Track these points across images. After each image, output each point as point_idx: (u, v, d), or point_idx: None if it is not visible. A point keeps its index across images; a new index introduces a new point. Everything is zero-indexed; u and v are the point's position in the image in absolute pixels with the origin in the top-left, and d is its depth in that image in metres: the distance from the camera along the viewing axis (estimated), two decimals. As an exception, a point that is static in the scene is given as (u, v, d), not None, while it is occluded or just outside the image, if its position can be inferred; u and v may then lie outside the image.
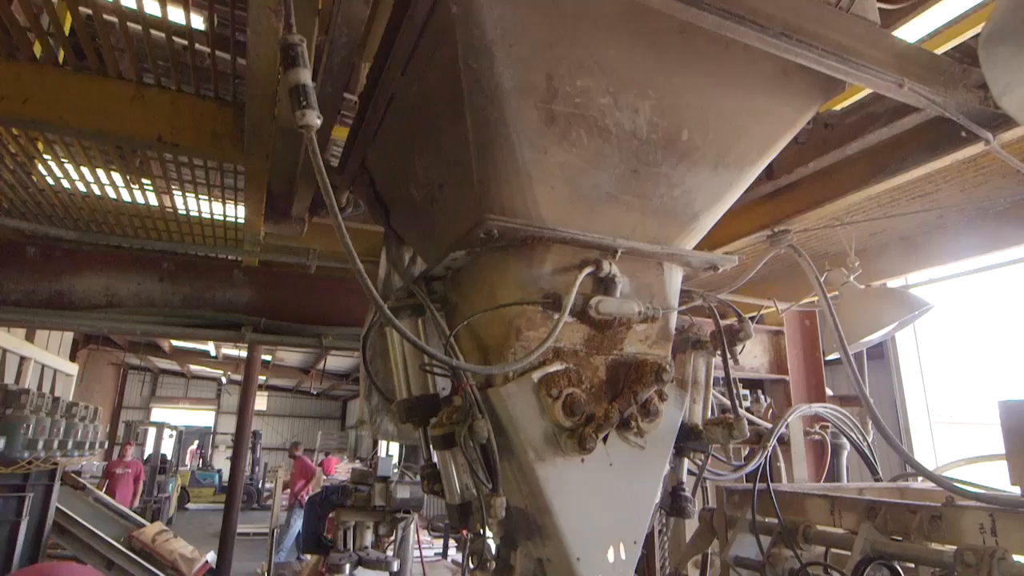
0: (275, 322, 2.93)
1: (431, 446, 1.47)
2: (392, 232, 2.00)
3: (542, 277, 1.42)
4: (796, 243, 2.27)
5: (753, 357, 3.74)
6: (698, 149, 1.49)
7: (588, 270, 1.41)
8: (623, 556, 1.35)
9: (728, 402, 2.35)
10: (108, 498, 8.79)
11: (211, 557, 8.16)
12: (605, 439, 1.38)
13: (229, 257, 3.48)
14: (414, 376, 1.53)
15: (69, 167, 2.68)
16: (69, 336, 10.12)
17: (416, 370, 1.53)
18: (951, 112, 1.56)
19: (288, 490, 10.65)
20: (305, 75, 1.09)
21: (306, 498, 10.45)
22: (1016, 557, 1.57)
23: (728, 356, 1.60)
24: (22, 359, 8.09)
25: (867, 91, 1.89)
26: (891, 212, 2.66)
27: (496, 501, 1.28)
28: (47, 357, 8.98)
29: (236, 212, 3.14)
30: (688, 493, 1.63)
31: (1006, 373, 6.49)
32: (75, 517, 7.27)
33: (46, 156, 2.54)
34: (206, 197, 3.00)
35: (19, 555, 6.42)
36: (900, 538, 1.83)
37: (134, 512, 9.16)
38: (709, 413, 1.67)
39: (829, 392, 3.94)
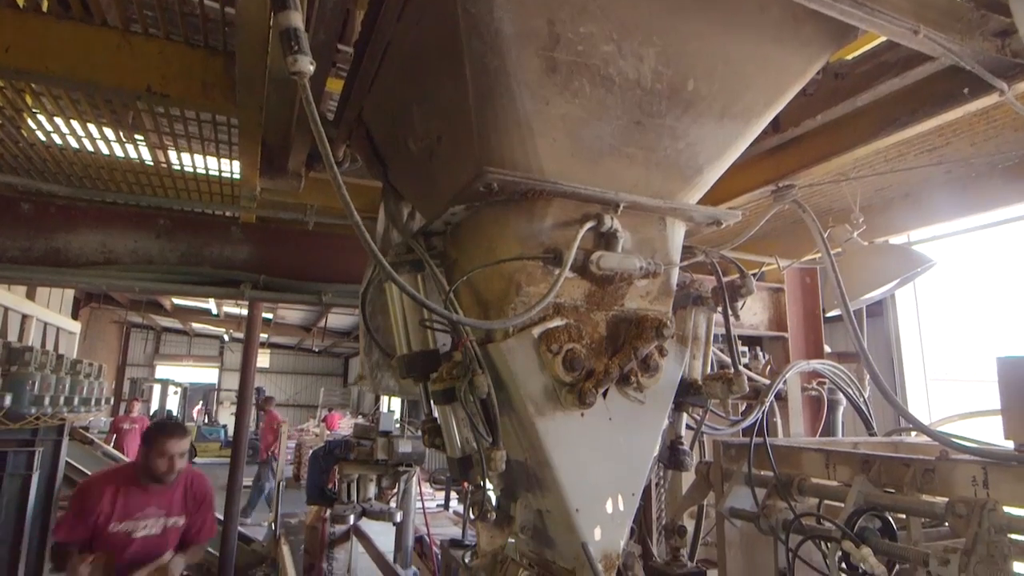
0: (274, 279, 2.91)
1: (431, 401, 1.47)
2: (390, 187, 1.96)
3: (543, 232, 1.40)
4: (800, 199, 2.23)
5: (753, 314, 3.75)
6: (704, 99, 1.45)
7: (589, 225, 1.38)
8: (621, 508, 1.38)
9: (727, 358, 2.37)
10: (116, 452, 8.98)
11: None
12: (605, 394, 1.38)
13: (226, 213, 3.44)
14: (414, 332, 1.53)
15: (59, 121, 2.62)
16: (70, 294, 10.14)
17: (416, 326, 1.52)
18: (966, 61, 1.50)
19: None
20: (296, 18, 1.04)
21: (276, 453, 10.70)
22: (1006, 509, 1.59)
23: (729, 312, 1.59)
24: (24, 317, 8.12)
25: (880, 39, 1.82)
26: (898, 167, 2.61)
27: (496, 454, 1.30)
28: (49, 315, 9.02)
29: (232, 167, 3.09)
30: (686, 447, 1.65)
31: (1004, 331, 6.53)
32: (85, 471, 7.43)
33: (35, 110, 2.48)
34: (200, 152, 2.95)
35: (31, 507, 6.60)
36: (893, 491, 1.86)
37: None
38: (708, 369, 1.68)
39: (827, 349, 3.97)
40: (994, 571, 1.47)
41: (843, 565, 1.79)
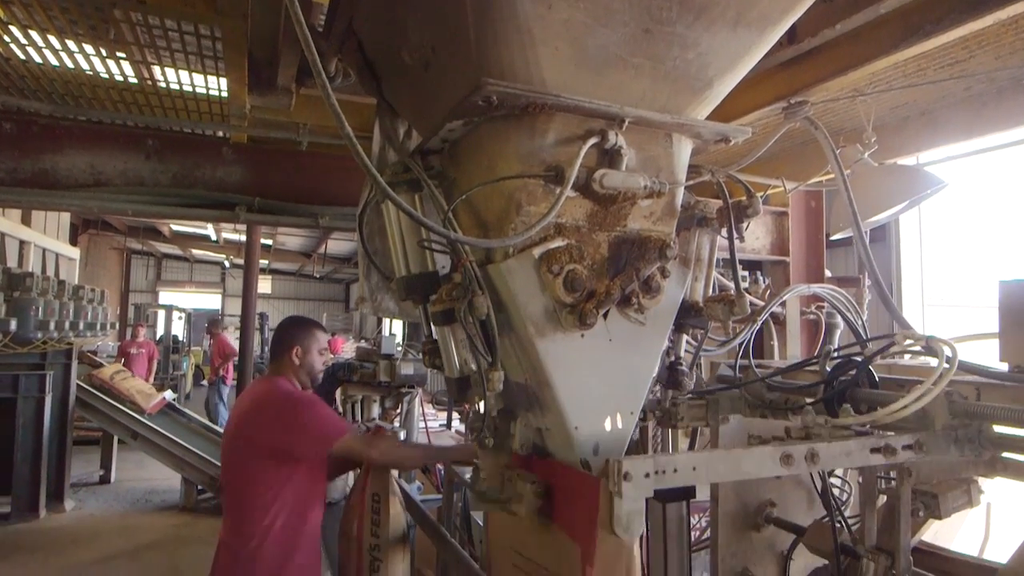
0: (270, 201, 2.86)
1: (431, 322, 1.47)
2: (385, 103, 1.88)
3: (544, 148, 1.34)
4: (812, 117, 2.14)
5: (755, 239, 3.71)
6: (717, 4, 1.35)
7: (593, 141, 1.33)
8: (620, 425, 1.41)
9: (726, 281, 2.35)
10: (129, 372, 9.20)
11: (168, 395, 8.69)
12: (606, 315, 1.37)
13: (217, 134, 3.33)
14: (412, 253, 1.50)
15: (35, 35, 2.48)
16: (66, 220, 10.06)
17: (414, 247, 1.49)
18: (1002, -39, 1.39)
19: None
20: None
21: (226, 375, 10.63)
22: (996, 428, 1.62)
23: (734, 233, 1.56)
24: (22, 243, 8.09)
25: (909, -61, 1.68)
26: (917, 82, 2.49)
27: (494, 375, 1.30)
28: (47, 241, 8.98)
29: (220, 85, 2.96)
30: (685, 367, 1.66)
31: (1005, 255, 6.51)
32: (96, 393, 7.64)
33: (5, 19, 2.34)
34: (186, 68, 2.81)
35: (47, 427, 6.84)
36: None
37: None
38: (710, 291, 1.67)
39: (828, 274, 3.96)
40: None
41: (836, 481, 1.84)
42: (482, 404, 1.40)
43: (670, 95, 1.43)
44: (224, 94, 2.92)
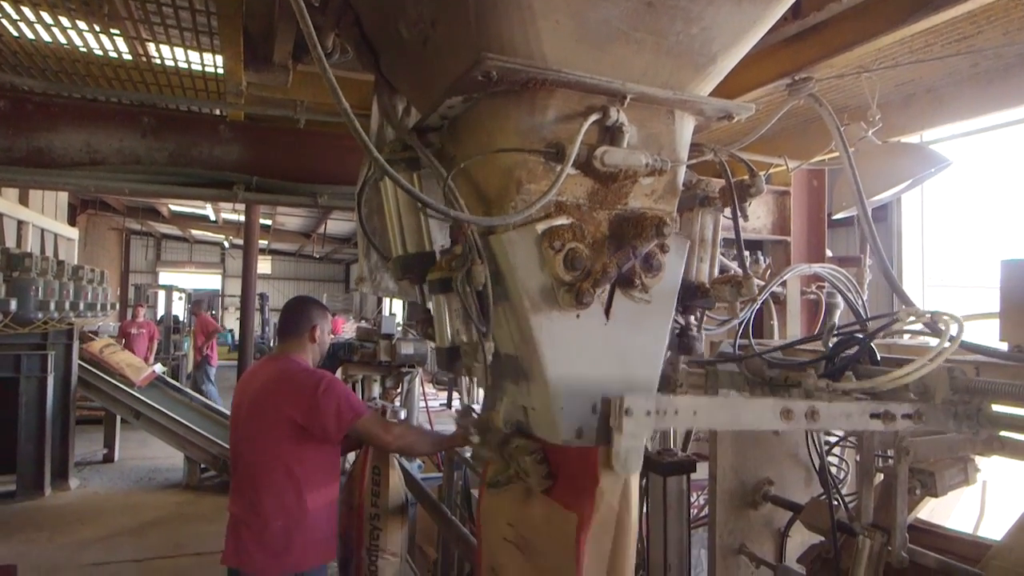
0: (268, 180, 2.83)
1: (428, 291, 1.45)
2: (383, 80, 1.85)
3: (544, 126, 1.32)
4: (816, 93, 2.11)
5: (757, 218, 3.69)
6: (722, -23, 1.32)
7: (594, 117, 1.30)
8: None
9: (728, 262, 2.34)
10: (168, 378, 9.25)
11: (158, 368, 8.74)
12: (610, 299, 1.37)
13: (213, 111, 3.30)
14: (409, 233, 1.49)
15: (27, 10, 2.44)
16: (64, 200, 10.01)
17: (411, 226, 1.48)
18: (1015, -69, 1.36)
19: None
20: None
21: (211, 354, 10.69)
22: (995, 407, 1.62)
23: (738, 213, 1.54)
24: (20, 223, 8.06)
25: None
26: (924, 58, 2.45)
27: (486, 346, 1.30)
28: (46, 221, 8.95)
29: (215, 62, 2.92)
30: (696, 333, 1.65)
31: (1006, 236, 6.48)
32: (98, 372, 7.68)
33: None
34: (181, 45, 2.77)
35: (51, 406, 6.88)
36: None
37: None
38: (716, 272, 1.66)
39: (828, 253, 3.95)
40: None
41: (833, 459, 1.86)
42: (470, 380, 1.39)
43: (673, 71, 1.40)
44: (220, 71, 2.88)
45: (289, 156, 2.95)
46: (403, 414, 4.24)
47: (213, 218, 16.13)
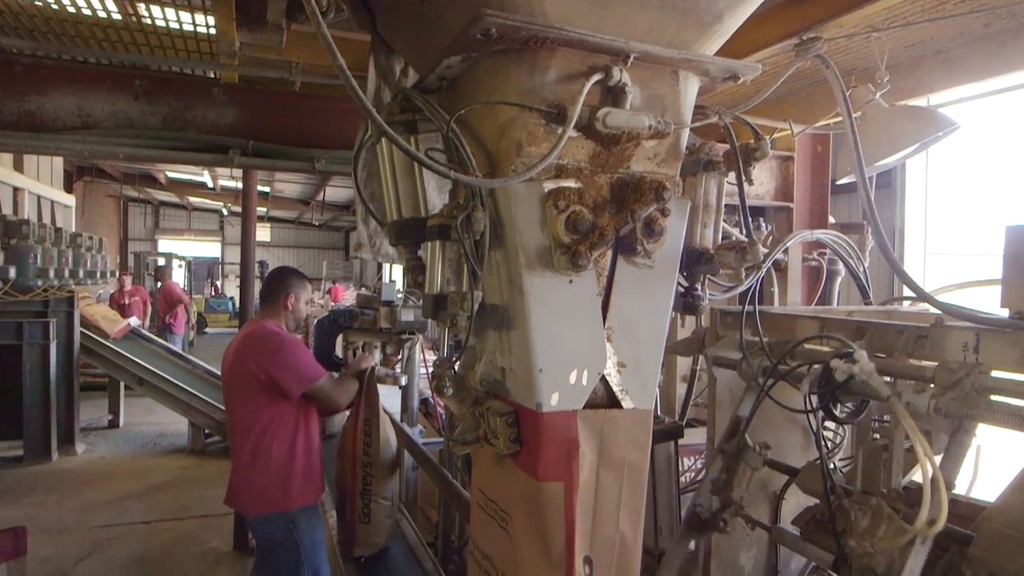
0: (264, 145, 2.78)
1: (426, 237, 1.42)
2: (380, 39, 1.80)
3: (545, 86, 1.29)
4: (824, 54, 2.06)
5: (760, 184, 3.65)
6: (730, -71, 1.27)
7: (596, 77, 1.27)
8: (583, 382, 1.37)
9: (728, 228, 2.32)
10: (143, 331, 9.28)
11: (134, 321, 8.80)
12: (613, 267, 1.35)
13: (207, 73, 3.22)
14: (405, 196, 1.47)
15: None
16: (59, 166, 9.90)
17: (407, 191, 1.46)
18: None
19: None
20: None
21: (173, 322, 10.77)
22: (994, 373, 1.63)
23: (743, 178, 1.52)
24: (16, 190, 7.98)
25: None
26: (936, 16, 2.38)
27: (474, 295, 1.29)
28: (42, 188, 8.86)
29: (208, 22, 2.84)
30: (700, 293, 1.64)
31: (1014, 201, 6.43)
32: (103, 342, 7.72)
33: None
34: (171, 4, 2.69)
35: (54, 373, 6.94)
36: (884, 356, 1.90)
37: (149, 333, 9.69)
38: (719, 238, 1.64)
39: (831, 220, 3.92)
40: (964, 406, 1.53)
41: (829, 427, 1.87)
42: (451, 332, 1.37)
43: (677, 29, 1.36)
44: (212, 31, 2.80)
45: (286, 120, 2.90)
46: (404, 380, 4.27)
47: (211, 185, 15.98)
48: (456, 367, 1.48)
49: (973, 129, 6.19)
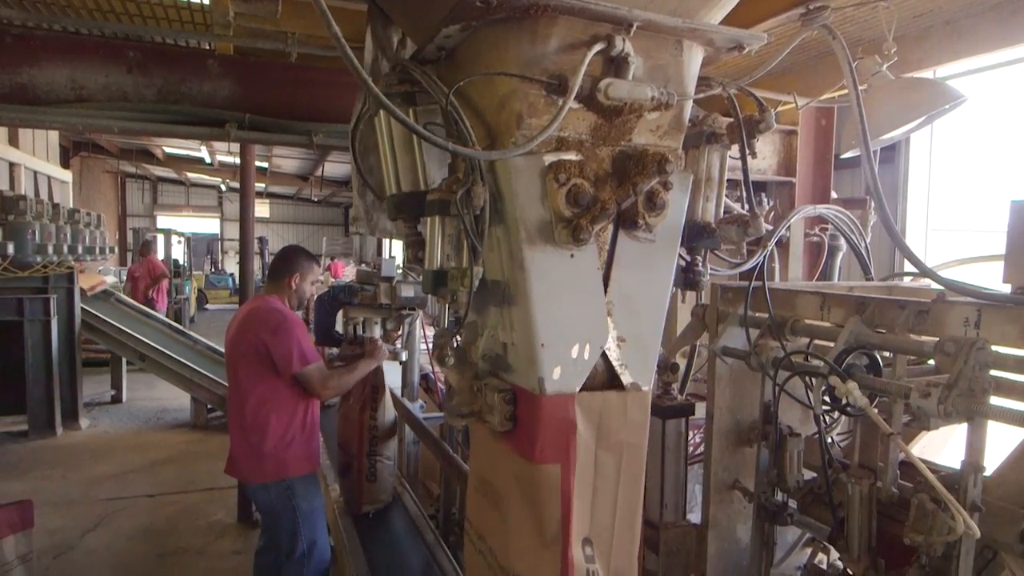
0: (261, 118, 2.75)
1: (426, 212, 1.41)
2: (376, 9, 1.76)
3: (546, 56, 1.26)
4: (831, 24, 2.01)
5: (763, 158, 3.61)
6: None
7: (598, 47, 1.24)
8: (585, 356, 1.36)
9: (730, 203, 2.30)
10: (127, 298, 9.28)
11: (109, 279, 8.83)
12: (614, 241, 1.34)
13: (201, 45, 3.16)
14: (404, 171, 1.45)
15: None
16: (55, 141, 9.80)
17: (406, 164, 1.44)
18: None
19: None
20: None
21: (156, 298, 10.68)
22: (994, 348, 1.63)
23: (746, 150, 1.49)
24: (12, 165, 7.91)
25: None
26: (946, -16, 2.33)
27: (475, 270, 1.28)
28: (38, 164, 8.79)
29: (200, -9, 2.78)
30: (701, 269, 1.63)
31: (1017, 177, 6.37)
32: (103, 317, 7.74)
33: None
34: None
35: (56, 349, 6.97)
36: (884, 332, 1.90)
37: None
38: (721, 212, 1.62)
39: (833, 195, 3.89)
40: (972, 404, 1.53)
41: (827, 398, 1.88)
42: (452, 306, 1.37)
43: (681, -3, 1.33)
44: (206, 1, 2.74)
45: (282, 92, 2.86)
46: (404, 356, 4.28)
47: (208, 160, 15.85)
48: (458, 338, 1.48)
49: (980, 102, 6.10)
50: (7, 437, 6.97)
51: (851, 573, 1.73)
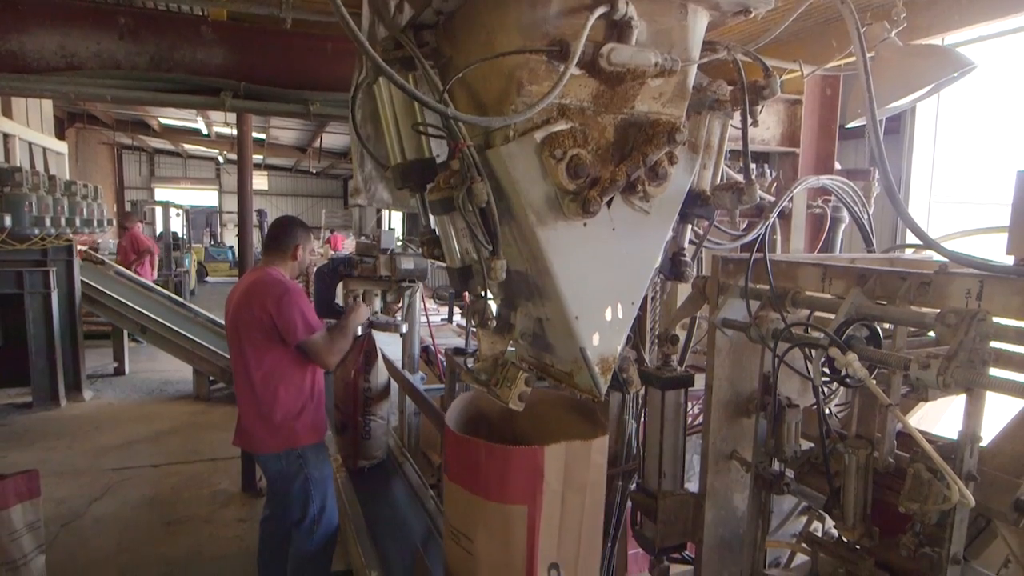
0: (256, 87, 2.69)
1: (429, 212, 1.42)
2: (372, -29, 1.71)
3: (547, 20, 1.23)
4: (840, -12, 1.95)
5: (766, 128, 3.55)
6: None
7: (600, 11, 1.21)
8: (620, 315, 1.40)
9: (731, 172, 2.27)
10: (127, 271, 9.28)
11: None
12: (609, 203, 1.32)
13: (194, 10, 3.09)
14: (407, 138, 1.43)
15: None
16: (49, 112, 9.66)
17: (409, 132, 1.42)
18: None
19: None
20: None
21: (140, 272, 10.34)
22: (995, 319, 1.62)
23: (748, 117, 1.47)
24: (6, 136, 7.82)
25: None
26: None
27: (496, 264, 1.28)
28: (33, 135, 8.67)
29: (192, -46, 2.70)
30: (688, 258, 1.63)
31: (1020, 149, 6.29)
32: (103, 290, 7.73)
33: None
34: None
35: (57, 322, 6.98)
36: (885, 303, 1.89)
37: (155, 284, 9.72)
38: (718, 180, 1.60)
39: (837, 166, 3.84)
40: (971, 375, 1.53)
41: (826, 370, 1.89)
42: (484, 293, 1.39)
43: (687, -42, 1.29)
44: (197, -36, 2.67)
45: (278, 60, 2.79)
46: (404, 328, 4.29)
47: (205, 132, 15.67)
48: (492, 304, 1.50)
49: (988, 71, 5.98)
50: (12, 409, 7.04)
51: (846, 540, 1.75)
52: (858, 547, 1.67)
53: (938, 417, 2.27)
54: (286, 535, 3.05)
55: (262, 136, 16.17)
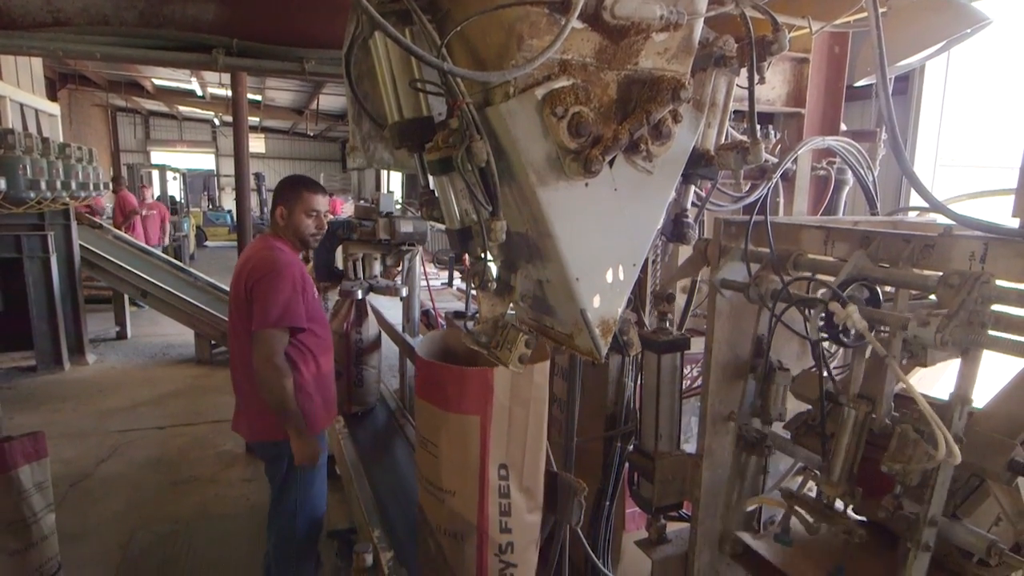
0: (249, 44, 2.62)
1: (428, 172, 1.40)
2: (366, -80, 1.64)
3: (549, -30, 1.18)
4: (852, -61, 1.88)
5: (771, 88, 3.47)
6: None
7: (604, -40, 1.16)
8: (621, 277, 1.38)
9: (735, 133, 2.23)
10: (125, 234, 9.24)
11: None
12: (612, 163, 1.30)
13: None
14: (405, 96, 1.39)
15: None
16: (39, 72, 9.46)
17: (406, 89, 1.38)
18: None
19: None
20: None
21: (131, 234, 10.32)
22: (998, 282, 1.61)
23: (755, 74, 1.43)
24: (-4, 97, 7.68)
25: None
26: None
27: (496, 224, 1.26)
28: (24, 96, 8.51)
29: (179, -97, 2.59)
30: (690, 220, 1.61)
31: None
32: (102, 254, 7.72)
33: None
34: None
35: (58, 286, 6.99)
36: (888, 265, 1.87)
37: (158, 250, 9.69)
38: (723, 140, 1.57)
39: (843, 127, 3.77)
40: (970, 334, 1.53)
41: (823, 324, 1.88)
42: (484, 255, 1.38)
43: (695, -98, 1.23)
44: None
45: (271, 15, 2.71)
46: (404, 291, 4.29)
47: (200, 93, 15.41)
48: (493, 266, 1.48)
49: (1002, 27, 5.82)
50: (16, 372, 7.10)
51: (826, 496, 1.77)
52: (835, 505, 1.70)
53: (932, 383, 2.29)
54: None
55: (258, 98, 15.90)
